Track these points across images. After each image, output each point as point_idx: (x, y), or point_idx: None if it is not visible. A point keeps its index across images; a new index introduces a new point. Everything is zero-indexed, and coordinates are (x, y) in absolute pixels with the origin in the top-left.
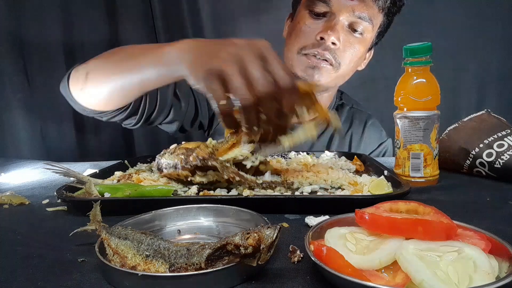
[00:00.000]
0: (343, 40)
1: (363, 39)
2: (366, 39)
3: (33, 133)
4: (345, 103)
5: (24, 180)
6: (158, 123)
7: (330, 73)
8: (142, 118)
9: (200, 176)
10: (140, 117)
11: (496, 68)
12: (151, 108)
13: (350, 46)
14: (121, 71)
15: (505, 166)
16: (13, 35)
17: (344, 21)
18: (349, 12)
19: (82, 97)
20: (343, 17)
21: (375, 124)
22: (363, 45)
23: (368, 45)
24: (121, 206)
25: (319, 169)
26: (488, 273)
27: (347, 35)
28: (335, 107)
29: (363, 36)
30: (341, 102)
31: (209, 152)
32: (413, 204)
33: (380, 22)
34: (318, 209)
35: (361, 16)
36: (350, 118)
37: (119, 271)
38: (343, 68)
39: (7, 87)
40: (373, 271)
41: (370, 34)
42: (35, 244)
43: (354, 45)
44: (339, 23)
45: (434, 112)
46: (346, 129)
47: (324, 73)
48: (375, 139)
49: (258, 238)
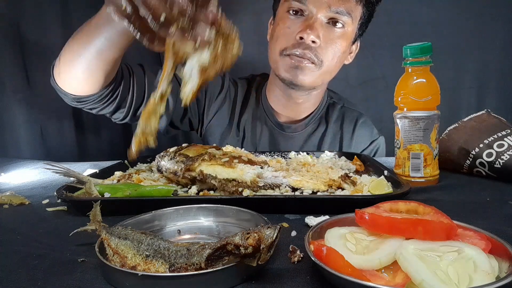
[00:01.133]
0: (323, 37)
1: (344, 32)
2: (347, 32)
3: (33, 133)
4: (336, 101)
5: (24, 180)
6: None
7: (313, 71)
8: (130, 111)
9: (200, 185)
10: (128, 109)
11: (496, 68)
12: (139, 101)
13: (332, 42)
14: (78, 47)
15: (505, 166)
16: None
17: (322, 17)
18: (326, 9)
19: (61, 82)
20: (321, 14)
21: (366, 122)
22: (345, 39)
23: (350, 38)
24: (121, 206)
25: (319, 169)
26: (488, 273)
27: (327, 31)
28: (326, 106)
29: (344, 29)
30: (332, 101)
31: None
32: (413, 204)
33: (360, 14)
34: (318, 209)
35: (338, 11)
36: (341, 117)
37: (119, 271)
38: (326, 64)
39: (7, 87)
40: (373, 271)
41: (350, 27)
42: (35, 244)
43: (335, 40)
44: (317, 20)
45: (434, 112)
46: (337, 128)
47: (307, 72)
48: (366, 137)
49: (258, 238)
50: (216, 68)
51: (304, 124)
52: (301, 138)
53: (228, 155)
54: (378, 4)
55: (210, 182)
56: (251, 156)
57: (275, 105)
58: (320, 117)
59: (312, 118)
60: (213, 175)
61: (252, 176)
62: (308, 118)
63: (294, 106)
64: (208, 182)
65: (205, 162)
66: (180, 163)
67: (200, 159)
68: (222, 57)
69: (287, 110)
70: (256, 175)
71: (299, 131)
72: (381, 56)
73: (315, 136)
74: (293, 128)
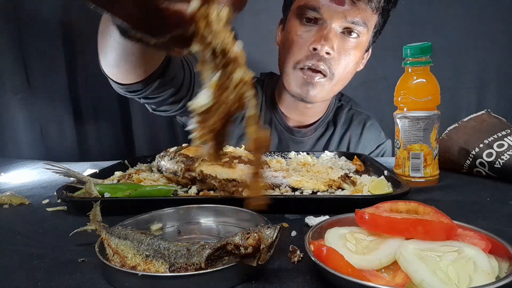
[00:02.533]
0: (337, 47)
1: (359, 42)
2: (362, 42)
3: (33, 133)
4: (344, 104)
5: (24, 180)
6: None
7: (324, 85)
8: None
9: (200, 185)
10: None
11: (496, 68)
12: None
13: (345, 53)
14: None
15: (505, 166)
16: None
17: (337, 27)
18: (341, 19)
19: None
20: (336, 24)
21: (374, 125)
22: (359, 49)
23: (364, 48)
24: (121, 206)
25: (319, 169)
26: (488, 273)
27: (342, 41)
28: (333, 109)
29: (358, 39)
30: (340, 104)
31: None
32: (413, 204)
33: (375, 23)
34: (318, 209)
35: (354, 21)
36: (349, 120)
37: (119, 271)
38: (337, 77)
39: (7, 87)
40: (373, 271)
41: (365, 37)
42: (35, 244)
43: (349, 51)
44: (331, 31)
45: (434, 112)
46: (344, 131)
47: (318, 87)
48: (374, 141)
49: (258, 238)
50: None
51: (314, 128)
52: (310, 142)
53: (228, 156)
54: (393, 9)
55: (210, 182)
56: (251, 156)
57: (285, 109)
58: (328, 121)
59: (321, 122)
60: (213, 175)
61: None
62: (317, 122)
63: (305, 110)
64: (208, 182)
65: (205, 162)
66: (180, 163)
67: (200, 159)
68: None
69: (297, 115)
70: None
71: (308, 136)
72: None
73: (323, 139)
74: (302, 132)
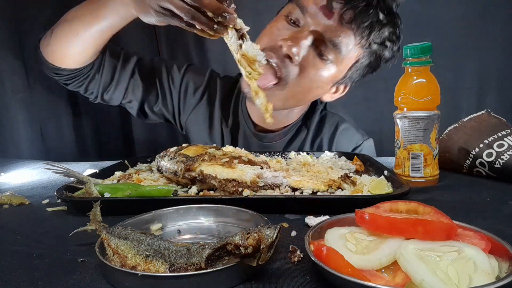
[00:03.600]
0: (303, 58)
1: (328, 68)
2: (331, 69)
3: (33, 133)
4: (317, 106)
5: (24, 180)
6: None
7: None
8: (98, 92)
9: (200, 185)
10: (96, 90)
11: (496, 68)
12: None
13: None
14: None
15: (505, 166)
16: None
17: (311, 39)
18: (321, 30)
19: (47, 54)
20: (313, 34)
21: (348, 129)
22: (328, 75)
23: (335, 78)
24: (121, 206)
25: (319, 169)
26: (488, 273)
27: (311, 56)
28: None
29: (329, 65)
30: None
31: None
32: (413, 204)
33: (358, 57)
34: (318, 209)
35: (331, 40)
36: (321, 122)
37: (119, 271)
38: (291, 89)
39: (7, 87)
40: (373, 271)
41: (340, 66)
42: (35, 244)
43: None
44: (306, 37)
45: (434, 112)
46: (316, 134)
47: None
48: (348, 144)
49: (258, 238)
50: None
51: (283, 133)
52: (279, 146)
53: (228, 155)
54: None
55: (210, 182)
56: (251, 156)
57: (251, 112)
58: (300, 124)
59: (291, 128)
60: (213, 175)
61: (252, 176)
62: (286, 128)
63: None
64: (208, 182)
65: (205, 162)
66: (180, 163)
67: (200, 159)
68: None
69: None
70: (256, 175)
71: (276, 140)
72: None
73: (295, 144)
74: (270, 137)
